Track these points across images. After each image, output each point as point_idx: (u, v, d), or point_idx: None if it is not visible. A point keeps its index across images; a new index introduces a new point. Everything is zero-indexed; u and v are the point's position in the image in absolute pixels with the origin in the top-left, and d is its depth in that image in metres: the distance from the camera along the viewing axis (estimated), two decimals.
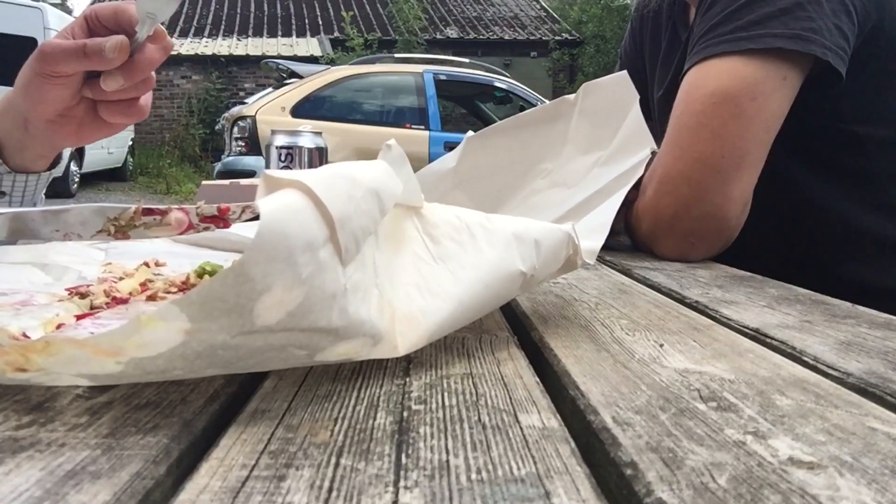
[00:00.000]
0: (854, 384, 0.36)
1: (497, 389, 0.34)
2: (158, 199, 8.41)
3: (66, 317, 0.44)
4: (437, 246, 0.40)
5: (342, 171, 0.32)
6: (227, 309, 0.26)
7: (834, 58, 0.80)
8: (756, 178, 0.83)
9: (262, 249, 0.26)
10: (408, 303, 0.36)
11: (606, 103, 0.62)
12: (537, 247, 0.42)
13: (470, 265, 0.39)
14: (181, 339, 0.26)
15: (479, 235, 0.41)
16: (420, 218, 0.40)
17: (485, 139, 0.69)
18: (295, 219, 0.28)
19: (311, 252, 0.28)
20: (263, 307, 0.27)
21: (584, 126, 0.64)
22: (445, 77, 6.20)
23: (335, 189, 0.30)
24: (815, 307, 0.56)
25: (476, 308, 0.40)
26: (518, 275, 0.41)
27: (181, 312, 0.26)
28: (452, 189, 0.71)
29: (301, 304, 0.28)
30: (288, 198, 0.29)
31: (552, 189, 0.65)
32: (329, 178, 0.31)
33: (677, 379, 0.36)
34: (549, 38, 12.81)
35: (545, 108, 0.67)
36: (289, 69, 6.09)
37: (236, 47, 12.06)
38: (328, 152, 0.92)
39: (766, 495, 0.23)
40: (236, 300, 0.26)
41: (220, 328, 0.27)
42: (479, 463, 0.26)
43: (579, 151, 0.64)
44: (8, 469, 0.25)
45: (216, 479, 0.24)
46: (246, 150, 5.42)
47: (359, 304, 0.32)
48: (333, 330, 0.31)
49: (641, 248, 0.91)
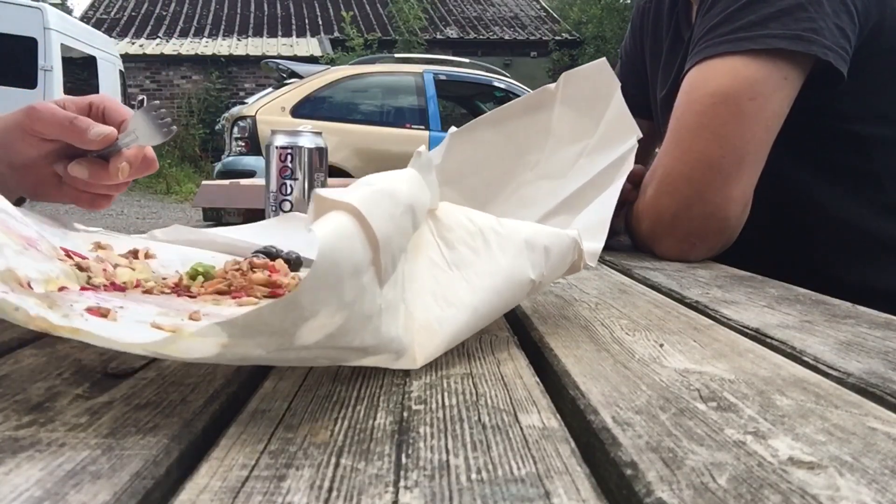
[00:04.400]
0: (854, 384, 0.36)
1: (497, 389, 0.34)
2: (158, 199, 8.42)
3: (68, 282, 0.43)
4: (452, 251, 0.40)
5: (383, 186, 0.33)
6: (270, 331, 0.27)
7: (835, 58, 0.80)
8: (756, 178, 0.83)
9: (317, 277, 0.27)
10: (425, 312, 0.37)
11: (588, 91, 0.62)
12: (546, 253, 0.43)
13: (484, 273, 0.40)
14: (217, 350, 0.27)
15: (492, 241, 0.41)
16: (434, 220, 0.41)
17: (468, 134, 0.68)
18: (346, 245, 0.28)
19: (356, 277, 0.29)
20: (307, 330, 0.28)
21: (567, 115, 0.64)
22: (445, 77, 6.20)
23: (379, 210, 0.31)
24: (815, 307, 0.56)
25: (488, 315, 0.41)
26: (528, 282, 0.42)
27: (222, 331, 0.26)
28: (441, 186, 0.70)
29: (341, 326, 0.29)
30: (339, 222, 0.29)
31: (540, 181, 0.65)
32: (373, 198, 0.31)
33: (677, 379, 0.36)
34: (549, 39, 12.81)
35: (526, 99, 0.67)
36: (289, 69, 6.09)
37: (236, 47, 12.05)
38: (328, 152, 0.92)
39: (766, 495, 0.23)
40: (281, 325, 0.27)
41: (257, 345, 0.27)
42: (479, 463, 0.26)
43: (564, 141, 0.64)
44: (8, 469, 0.25)
45: (216, 479, 0.24)
46: (246, 150, 5.42)
47: (390, 323, 0.33)
48: (364, 348, 0.31)
49: (642, 248, 0.91)
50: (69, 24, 7.41)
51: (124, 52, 10.53)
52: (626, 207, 0.93)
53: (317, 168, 0.89)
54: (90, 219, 5.92)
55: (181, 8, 13.99)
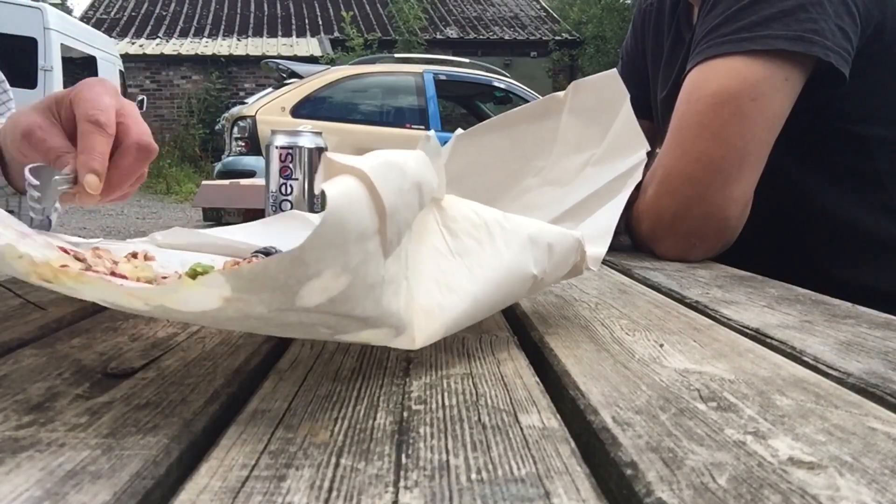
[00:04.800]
0: (854, 384, 0.36)
1: (497, 389, 0.34)
2: (158, 199, 8.42)
3: (69, 261, 0.43)
4: (456, 240, 0.40)
5: (393, 158, 0.32)
6: (273, 286, 0.27)
7: (836, 59, 0.80)
8: (757, 178, 0.83)
9: (323, 235, 0.26)
10: (427, 298, 0.37)
11: (596, 101, 0.62)
12: (550, 251, 0.43)
13: (487, 264, 0.40)
14: (218, 304, 0.27)
15: (496, 234, 0.41)
16: (440, 210, 0.41)
17: (474, 137, 0.68)
18: (354, 208, 0.28)
19: (362, 242, 0.29)
20: (309, 290, 0.27)
21: (574, 124, 0.64)
22: (445, 77, 6.20)
23: (389, 179, 0.30)
24: (815, 307, 0.56)
25: (488, 306, 0.41)
26: (530, 277, 0.42)
27: (226, 283, 0.26)
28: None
29: (343, 291, 0.29)
30: (349, 184, 0.29)
31: (544, 187, 0.65)
32: (384, 167, 0.31)
33: (677, 379, 0.36)
34: (549, 39, 12.81)
35: (534, 106, 0.67)
36: (289, 69, 6.09)
37: (236, 47, 12.05)
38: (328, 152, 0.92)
39: (766, 495, 0.23)
40: (286, 280, 0.27)
41: (259, 301, 0.27)
42: (479, 463, 0.26)
43: (570, 150, 0.64)
44: (8, 469, 0.25)
45: (216, 479, 0.24)
46: (246, 150, 5.42)
47: (391, 296, 0.32)
48: (365, 318, 0.31)
49: (642, 247, 0.91)
50: (69, 24, 7.41)
51: (124, 52, 10.53)
52: (627, 207, 0.93)
53: (317, 168, 0.89)
54: (91, 216, 5.87)
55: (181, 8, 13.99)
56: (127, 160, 0.56)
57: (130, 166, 0.57)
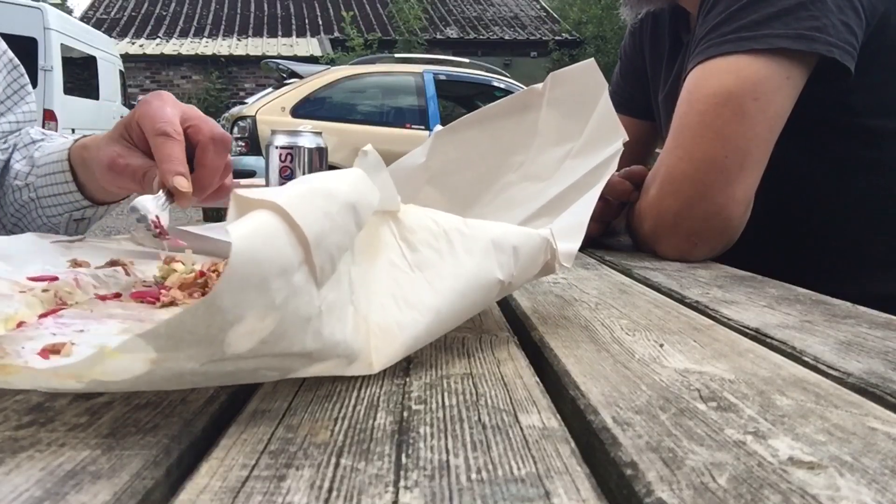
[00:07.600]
0: (854, 384, 0.36)
1: (497, 389, 0.34)
2: None
3: (27, 314, 0.42)
4: (415, 253, 0.39)
5: (317, 185, 0.31)
6: (196, 340, 0.25)
7: (841, 53, 0.80)
8: (759, 177, 0.83)
9: (234, 279, 0.25)
10: (384, 315, 0.36)
11: (575, 93, 0.61)
12: (515, 254, 0.42)
13: (448, 275, 0.38)
14: (146, 367, 0.25)
15: (456, 242, 0.40)
16: (396, 223, 0.39)
17: (454, 133, 0.68)
18: (268, 244, 0.27)
19: (285, 277, 0.27)
20: (235, 336, 0.26)
21: (553, 117, 0.63)
22: (445, 77, 6.20)
23: (310, 207, 0.29)
24: (815, 307, 0.56)
25: (453, 318, 0.39)
26: (496, 283, 0.40)
27: (147, 345, 0.25)
28: (425, 185, 0.69)
29: (273, 331, 0.27)
30: (260, 221, 0.27)
31: (525, 182, 0.64)
32: (303, 196, 0.29)
33: (677, 379, 0.36)
34: (549, 39, 12.82)
35: (513, 99, 0.66)
36: (289, 69, 6.09)
37: (236, 47, 12.05)
38: (328, 152, 0.92)
39: (766, 495, 0.23)
40: (206, 331, 0.25)
41: (188, 357, 0.26)
42: (479, 463, 0.26)
43: (550, 143, 0.63)
44: (8, 469, 0.25)
45: (216, 479, 0.24)
46: (246, 150, 5.42)
47: (334, 325, 0.31)
48: (307, 353, 0.30)
49: (643, 247, 0.91)
50: (69, 25, 7.42)
51: (124, 52, 10.54)
52: (628, 207, 0.93)
53: (317, 168, 0.89)
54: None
55: (181, 8, 13.99)
56: (208, 155, 0.61)
57: (213, 161, 0.61)
